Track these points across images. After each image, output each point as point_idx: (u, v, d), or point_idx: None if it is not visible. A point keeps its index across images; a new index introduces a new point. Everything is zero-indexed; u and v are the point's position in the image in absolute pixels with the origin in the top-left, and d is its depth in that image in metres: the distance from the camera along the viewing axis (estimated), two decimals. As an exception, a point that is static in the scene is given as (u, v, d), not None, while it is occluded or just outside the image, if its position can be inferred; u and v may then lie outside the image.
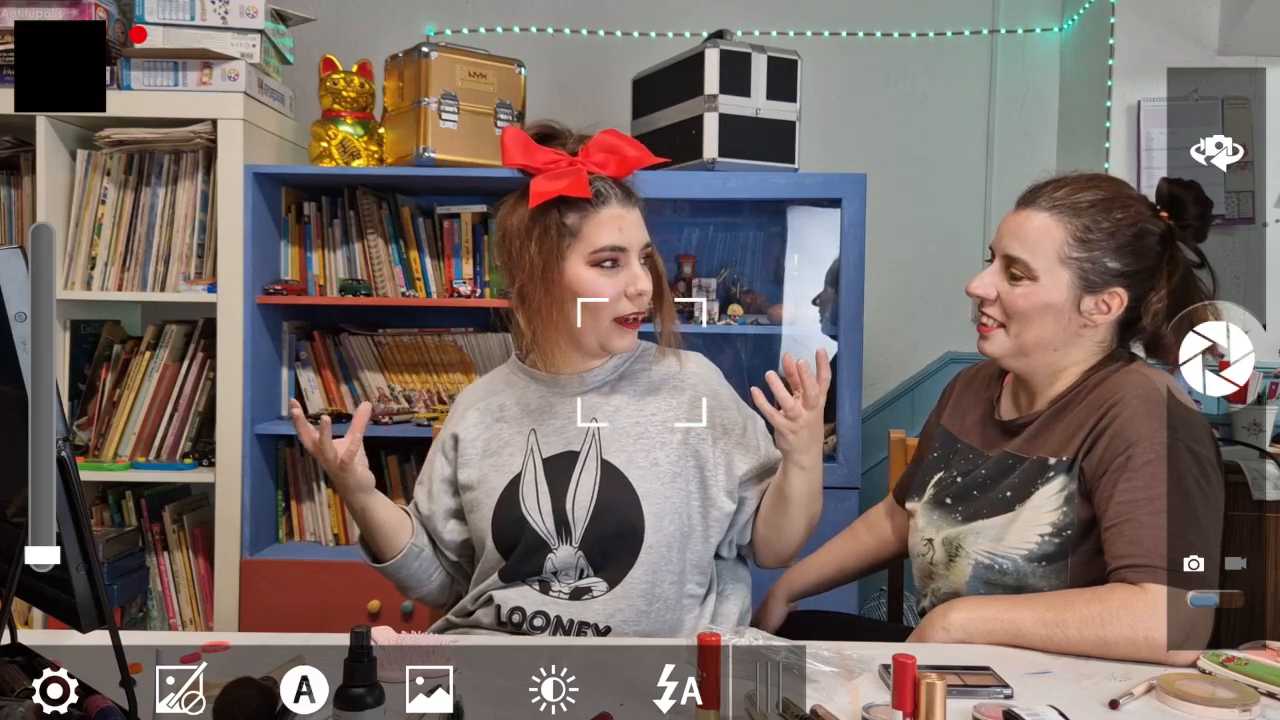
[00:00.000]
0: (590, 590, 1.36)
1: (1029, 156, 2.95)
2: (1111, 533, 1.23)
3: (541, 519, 1.37)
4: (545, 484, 1.38)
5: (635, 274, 1.36)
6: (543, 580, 1.37)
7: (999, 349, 1.37)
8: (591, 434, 1.39)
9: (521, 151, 1.36)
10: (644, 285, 1.36)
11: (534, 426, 1.42)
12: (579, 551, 1.36)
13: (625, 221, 1.36)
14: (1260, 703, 1.03)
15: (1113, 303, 1.32)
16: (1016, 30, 2.98)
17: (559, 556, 1.36)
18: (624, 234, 1.35)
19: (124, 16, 2.42)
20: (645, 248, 1.39)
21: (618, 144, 1.39)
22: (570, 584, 1.36)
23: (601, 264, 1.35)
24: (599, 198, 1.35)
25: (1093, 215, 1.31)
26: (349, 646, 0.88)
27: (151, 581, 2.47)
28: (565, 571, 1.36)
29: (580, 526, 1.36)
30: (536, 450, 1.41)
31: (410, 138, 2.37)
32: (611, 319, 1.36)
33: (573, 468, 1.38)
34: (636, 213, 1.39)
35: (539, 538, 1.36)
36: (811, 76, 2.66)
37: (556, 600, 1.36)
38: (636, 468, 1.37)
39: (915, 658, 0.88)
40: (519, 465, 1.41)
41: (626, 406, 1.42)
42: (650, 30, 2.95)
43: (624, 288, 1.35)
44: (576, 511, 1.36)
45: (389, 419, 2.45)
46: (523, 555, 1.37)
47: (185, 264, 2.41)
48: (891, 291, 2.92)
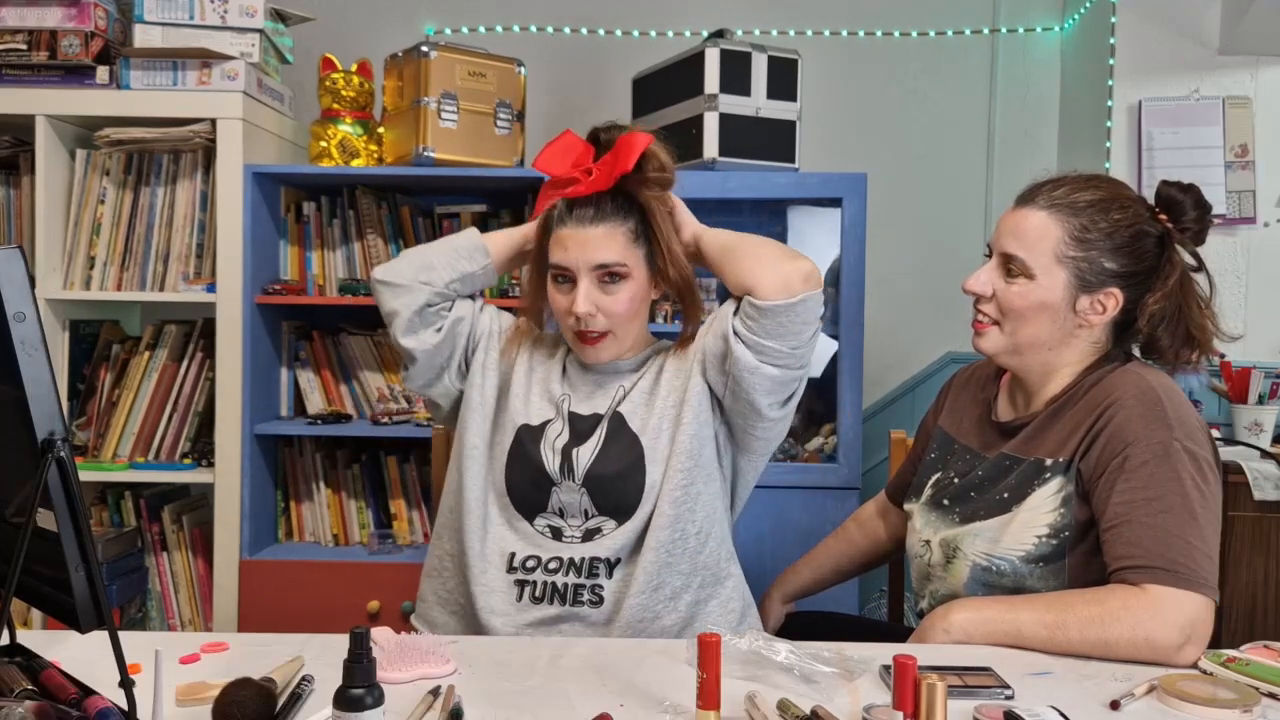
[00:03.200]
0: (600, 530, 1.40)
1: (1029, 156, 2.94)
2: (1110, 534, 1.23)
3: (552, 458, 1.42)
4: (567, 434, 1.44)
5: (580, 293, 1.39)
6: (554, 527, 1.41)
7: (993, 346, 1.37)
8: (615, 400, 1.46)
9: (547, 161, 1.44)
10: (581, 308, 1.38)
11: (568, 391, 1.48)
12: (582, 488, 1.40)
13: (574, 241, 1.39)
14: (1261, 703, 1.03)
15: (1108, 303, 1.32)
16: (1017, 30, 2.98)
17: (563, 492, 1.40)
18: (568, 254, 1.39)
19: (124, 16, 2.42)
20: (598, 268, 1.39)
21: (617, 151, 1.40)
22: (580, 527, 1.40)
23: (556, 279, 1.42)
24: (559, 217, 1.41)
25: (1091, 215, 1.31)
26: (348, 647, 0.87)
27: (151, 582, 2.47)
28: (572, 511, 1.40)
29: (583, 468, 1.40)
30: (569, 404, 1.47)
31: (410, 137, 2.36)
32: (572, 331, 1.43)
33: (595, 427, 1.44)
34: (600, 230, 1.39)
35: (545, 474, 1.41)
36: (812, 76, 2.65)
37: (570, 544, 1.39)
38: (638, 418, 1.43)
39: (916, 658, 0.88)
40: (550, 413, 1.46)
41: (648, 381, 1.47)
42: (650, 30, 2.95)
43: (570, 305, 1.40)
44: (581, 455, 1.41)
45: (389, 419, 2.44)
46: (529, 487, 1.42)
47: (184, 264, 2.40)
48: (891, 291, 2.91)
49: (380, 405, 2.53)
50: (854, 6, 2.97)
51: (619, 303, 1.40)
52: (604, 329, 1.41)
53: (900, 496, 1.62)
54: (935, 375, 2.93)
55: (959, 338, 2.82)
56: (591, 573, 1.38)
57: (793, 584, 1.69)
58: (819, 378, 2.56)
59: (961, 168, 2.99)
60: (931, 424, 1.57)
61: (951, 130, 2.99)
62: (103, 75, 2.32)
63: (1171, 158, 2.64)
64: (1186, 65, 2.66)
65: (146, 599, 2.46)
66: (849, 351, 2.33)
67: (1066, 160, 2.92)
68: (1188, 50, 2.66)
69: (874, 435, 2.83)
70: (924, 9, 2.97)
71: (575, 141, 1.45)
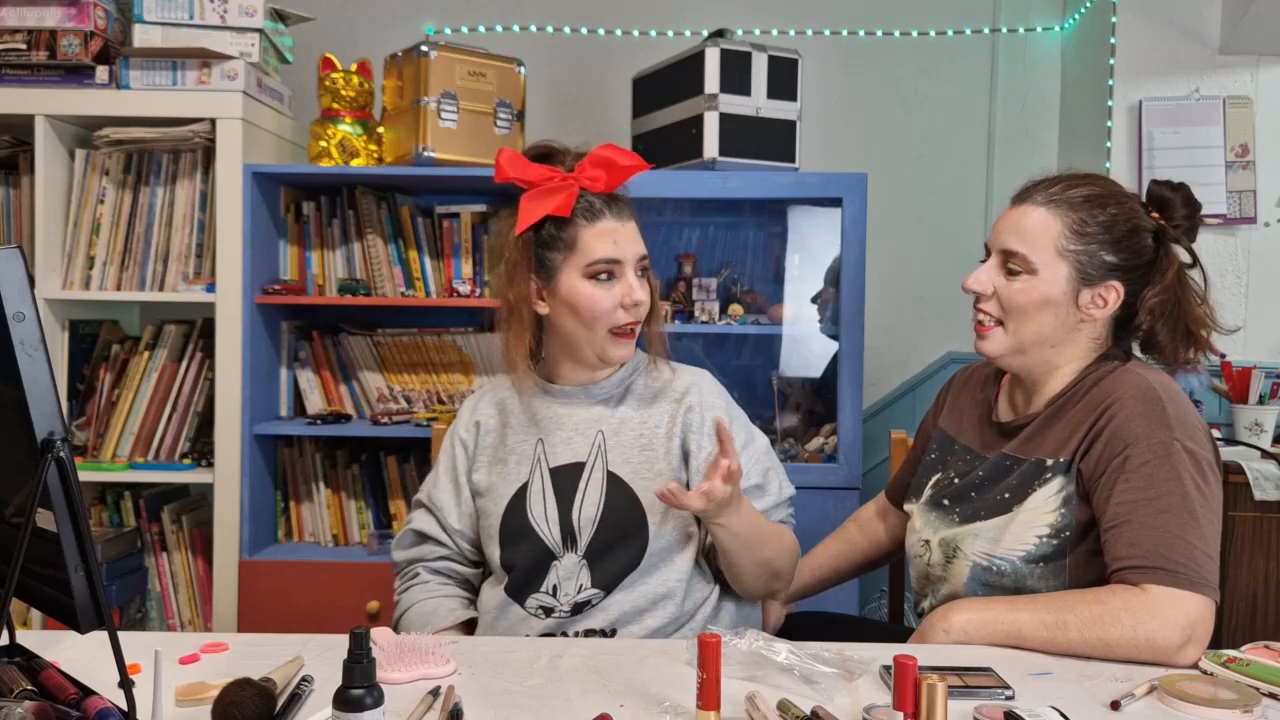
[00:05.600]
0: (590, 602, 1.37)
1: (1030, 156, 2.94)
2: (1111, 534, 1.23)
3: (548, 528, 1.39)
4: (553, 494, 1.40)
5: (631, 285, 1.38)
6: (545, 607, 1.37)
7: (997, 348, 1.37)
8: (598, 446, 1.41)
9: (514, 167, 1.40)
10: (640, 295, 1.39)
11: (541, 436, 1.44)
12: (583, 560, 1.37)
13: (620, 235, 1.39)
14: (1262, 704, 1.03)
15: (1109, 296, 1.32)
16: (1018, 29, 2.98)
17: (564, 566, 1.37)
18: (619, 247, 1.38)
19: (123, 16, 2.42)
20: (641, 260, 1.41)
21: (611, 157, 1.39)
22: (570, 600, 1.37)
23: (597, 276, 1.38)
24: (593, 212, 1.38)
25: (1089, 209, 1.32)
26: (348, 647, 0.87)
27: (150, 582, 2.47)
28: (568, 584, 1.37)
29: (586, 536, 1.37)
30: (544, 460, 1.42)
31: (409, 137, 2.36)
32: (608, 330, 1.39)
33: (579, 479, 1.40)
34: (632, 225, 1.41)
35: (545, 547, 1.38)
36: (812, 76, 2.65)
37: (560, 619, 1.37)
38: (641, 479, 1.39)
39: (916, 658, 0.88)
40: (525, 474, 1.42)
41: (631, 418, 1.44)
42: (650, 29, 2.95)
43: (620, 299, 1.38)
44: (583, 523, 1.38)
45: (388, 419, 2.44)
46: (529, 566, 1.38)
47: (184, 264, 2.40)
48: (891, 291, 2.91)
49: (380, 405, 2.53)
50: (854, 6, 2.97)
51: (649, 294, 1.42)
52: (641, 319, 1.42)
53: (900, 497, 1.62)
54: (935, 375, 2.93)
55: (959, 338, 2.82)
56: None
57: (793, 585, 1.69)
58: (819, 378, 2.56)
59: (961, 168, 2.99)
60: (931, 425, 1.58)
61: (951, 130, 2.99)
62: (102, 75, 2.32)
63: (1172, 158, 2.64)
64: (1187, 65, 2.66)
65: (146, 599, 2.46)
66: (849, 351, 2.33)
67: (1067, 160, 2.92)
68: (1188, 50, 2.66)
69: (874, 435, 2.83)
70: (924, 9, 2.97)
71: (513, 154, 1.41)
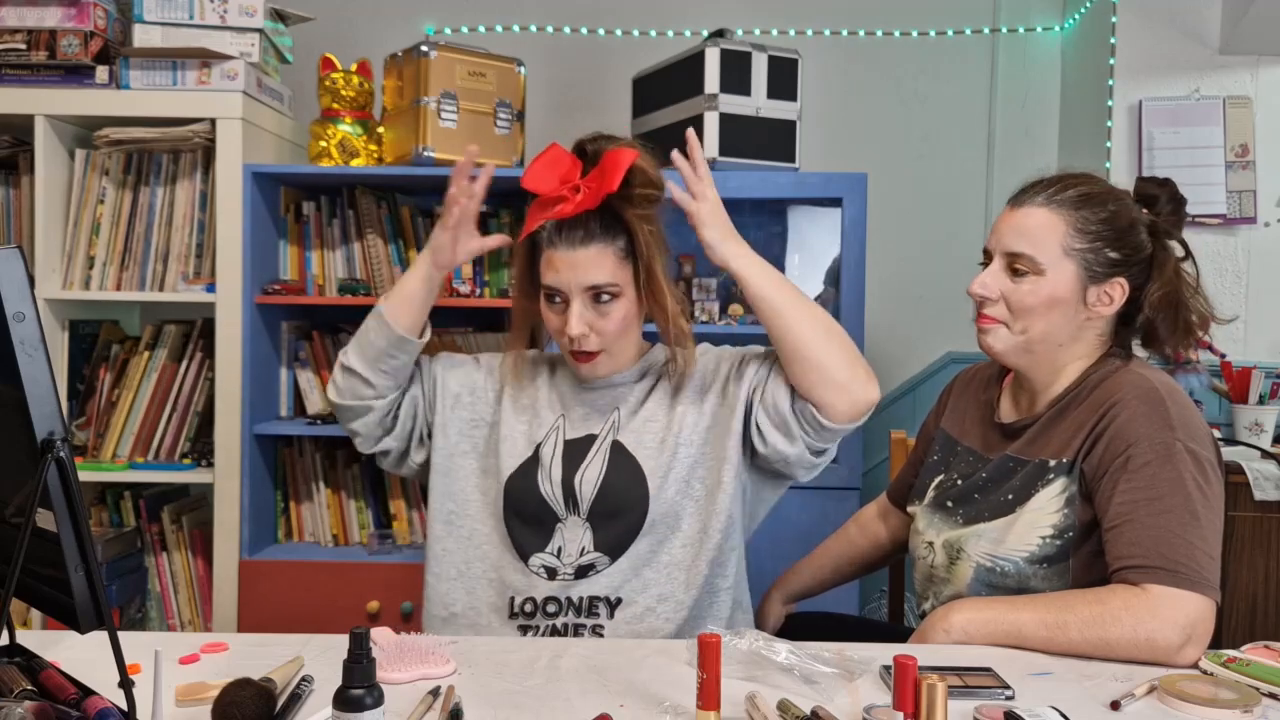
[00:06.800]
0: (594, 566, 1.39)
1: (1030, 156, 2.94)
2: (1112, 534, 1.23)
3: (552, 489, 1.42)
4: (560, 462, 1.43)
5: (573, 315, 1.38)
6: (549, 567, 1.40)
7: (1002, 344, 1.36)
8: (613, 422, 1.45)
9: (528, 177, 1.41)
10: (574, 329, 1.37)
11: (564, 411, 1.48)
12: (586, 523, 1.40)
13: (565, 264, 1.37)
14: (1262, 704, 1.03)
15: (1115, 293, 1.33)
16: (1018, 29, 2.98)
17: (568, 527, 1.40)
18: (560, 276, 1.37)
19: (123, 16, 2.41)
20: (590, 289, 1.37)
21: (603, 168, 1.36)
22: (574, 564, 1.39)
23: (550, 299, 1.41)
24: (549, 238, 1.39)
25: (1089, 207, 1.32)
26: (348, 647, 0.87)
27: (150, 582, 2.47)
28: (570, 547, 1.39)
29: (587, 501, 1.40)
30: (562, 431, 1.46)
31: (409, 137, 2.36)
32: (566, 349, 1.43)
33: (589, 449, 1.43)
34: (590, 252, 1.36)
35: (550, 509, 1.41)
36: (812, 76, 2.65)
37: (564, 582, 1.39)
38: (645, 448, 1.42)
39: (916, 658, 0.88)
40: (541, 437, 1.46)
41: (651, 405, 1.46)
42: (650, 29, 2.95)
43: (561, 326, 1.40)
44: (584, 486, 1.41)
45: (388, 419, 2.44)
46: (533, 526, 1.41)
47: (184, 264, 2.40)
48: (891, 291, 2.91)
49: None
50: (854, 6, 2.97)
51: (611, 322, 1.39)
52: (597, 347, 1.41)
53: (901, 499, 1.62)
54: (935, 375, 2.93)
55: (959, 338, 2.82)
56: (591, 612, 1.38)
57: (793, 585, 1.69)
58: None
59: (961, 168, 2.99)
60: (933, 426, 1.57)
61: (951, 130, 2.99)
62: (102, 75, 2.32)
63: (1172, 157, 2.64)
64: (1187, 65, 2.66)
65: (146, 599, 2.46)
66: (849, 351, 2.32)
67: (1067, 160, 2.92)
68: (1188, 50, 2.66)
69: (874, 435, 2.83)
70: (924, 9, 2.97)
71: (562, 155, 1.41)
